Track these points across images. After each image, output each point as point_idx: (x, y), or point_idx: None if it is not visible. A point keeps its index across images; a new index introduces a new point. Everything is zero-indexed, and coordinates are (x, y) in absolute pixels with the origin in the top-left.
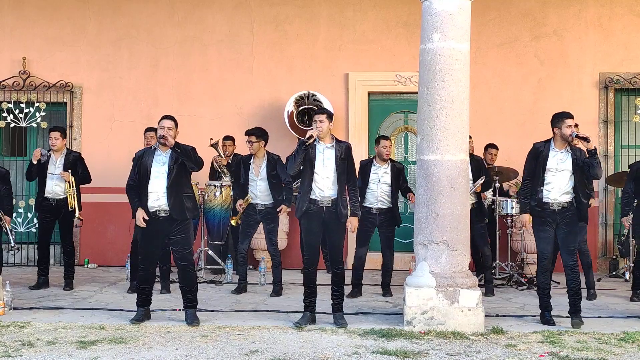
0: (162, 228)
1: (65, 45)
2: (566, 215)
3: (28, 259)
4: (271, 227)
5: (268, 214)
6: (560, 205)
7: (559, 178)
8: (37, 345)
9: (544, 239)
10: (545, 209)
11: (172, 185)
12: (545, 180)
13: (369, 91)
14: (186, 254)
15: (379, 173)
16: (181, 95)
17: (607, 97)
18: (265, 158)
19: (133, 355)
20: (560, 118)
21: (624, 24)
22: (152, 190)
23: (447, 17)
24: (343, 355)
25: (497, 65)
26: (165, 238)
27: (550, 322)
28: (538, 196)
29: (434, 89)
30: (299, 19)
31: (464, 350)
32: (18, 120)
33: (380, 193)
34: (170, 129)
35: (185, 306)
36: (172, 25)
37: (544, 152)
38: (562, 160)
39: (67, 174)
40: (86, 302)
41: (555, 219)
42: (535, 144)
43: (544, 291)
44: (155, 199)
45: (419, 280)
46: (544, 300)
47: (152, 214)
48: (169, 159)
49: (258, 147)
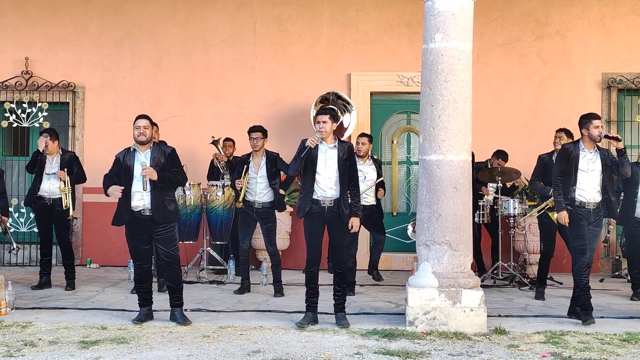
0: (145, 226)
1: (67, 45)
2: (597, 215)
3: (30, 258)
4: (268, 226)
5: (265, 213)
6: (596, 205)
7: (590, 178)
8: (39, 345)
9: (582, 235)
10: (579, 209)
11: (154, 188)
12: (578, 181)
13: (372, 91)
14: (171, 251)
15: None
16: (183, 95)
17: (609, 97)
18: (264, 155)
19: (135, 356)
20: (587, 119)
21: (627, 24)
22: (136, 190)
23: (450, 17)
24: (345, 356)
25: (499, 65)
26: (150, 235)
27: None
28: (571, 196)
29: (436, 89)
30: (302, 18)
31: (466, 351)
32: (20, 120)
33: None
34: (146, 127)
35: (173, 305)
36: (175, 25)
37: (574, 153)
38: (591, 161)
39: (63, 173)
40: (88, 302)
41: (589, 218)
42: (564, 145)
43: (584, 290)
44: (139, 199)
45: (421, 281)
46: (585, 299)
47: (136, 213)
48: (150, 159)
49: (263, 144)
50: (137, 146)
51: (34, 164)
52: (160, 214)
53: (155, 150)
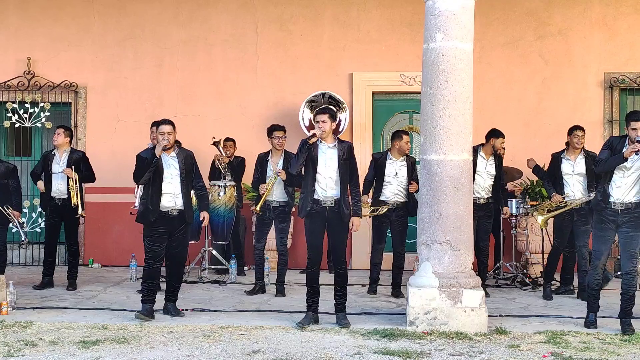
0: (170, 226)
1: (70, 45)
2: (630, 216)
3: (33, 258)
4: (283, 225)
5: (282, 212)
6: (624, 205)
7: (626, 177)
8: (40, 345)
9: (601, 237)
10: (608, 208)
11: (183, 188)
12: (613, 178)
13: (374, 91)
14: (183, 252)
15: (395, 167)
16: (186, 95)
17: (612, 97)
18: (283, 155)
19: (135, 355)
20: (628, 119)
21: (629, 24)
22: (166, 191)
23: (451, 17)
24: (345, 356)
25: (501, 65)
26: (171, 235)
27: (592, 325)
28: (605, 191)
29: (437, 89)
30: (304, 18)
31: (467, 351)
32: (23, 121)
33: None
34: (170, 133)
35: (169, 299)
36: (177, 25)
37: (617, 147)
38: (632, 159)
39: (70, 170)
40: (90, 302)
41: (617, 220)
42: (612, 137)
43: (593, 291)
44: (169, 200)
45: (422, 281)
46: (593, 302)
47: (163, 213)
48: (178, 162)
49: (285, 142)
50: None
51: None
52: (189, 213)
53: (180, 154)
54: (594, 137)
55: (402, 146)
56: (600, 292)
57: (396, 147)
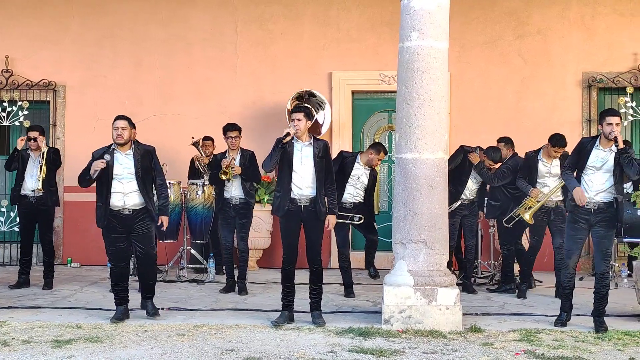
0: (124, 225)
1: (48, 43)
2: (603, 216)
3: (11, 258)
4: (244, 222)
5: (242, 209)
6: (597, 205)
7: (597, 176)
8: (12, 345)
9: (573, 236)
10: (581, 207)
11: (140, 186)
12: (585, 179)
13: (353, 90)
14: (149, 250)
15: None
16: (165, 94)
17: (590, 96)
18: (239, 153)
19: (108, 354)
20: (603, 115)
21: (607, 24)
22: (116, 190)
23: (426, 16)
24: (319, 354)
25: (480, 64)
26: (128, 234)
27: (561, 323)
28: None
29: (412, 88)
30: (284, 17)
31: (441, 349)
32: (1, 119)
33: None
34: (124, 129)
35: (145, 297)
36: (156, 23)
37: (587, 148)
38: (601, 159)
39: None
40: (65, 301)
41: (590, 219)
42: (583, 138)
43: (565, 290)
44: (119, 199)
45: (397, 279)
46: (565, 301)
47: (115, 212)
48: (133, 160)
49: (239, 142)
50: (116, 146)
51: (11, 161)
52: (149, 211)
53: (137, 151)
54: (573, 136)
55: (374, 160)
56: (573, 291)
57: (369, 156)
